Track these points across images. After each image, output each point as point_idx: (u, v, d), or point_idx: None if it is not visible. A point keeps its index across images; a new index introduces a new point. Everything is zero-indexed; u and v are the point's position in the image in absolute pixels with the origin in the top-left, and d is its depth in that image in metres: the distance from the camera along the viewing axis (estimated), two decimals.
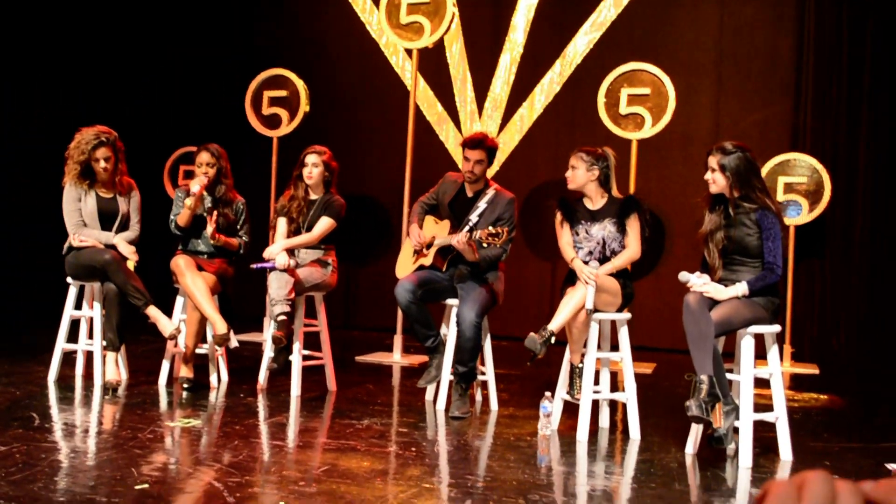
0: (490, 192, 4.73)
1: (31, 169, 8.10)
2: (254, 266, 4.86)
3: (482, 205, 4.70)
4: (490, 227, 4.40)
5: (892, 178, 6.91)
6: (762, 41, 7.22)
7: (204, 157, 5.10)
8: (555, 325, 4.15)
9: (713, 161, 3.91)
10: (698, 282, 3.83)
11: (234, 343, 4.89)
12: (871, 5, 6.93)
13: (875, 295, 6.94)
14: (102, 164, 4.92)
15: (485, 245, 4.39)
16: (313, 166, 5.00)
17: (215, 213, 5.05)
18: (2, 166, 8.10)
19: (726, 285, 3.86)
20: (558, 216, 4.47)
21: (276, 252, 4.80)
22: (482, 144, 4.68)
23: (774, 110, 7.18)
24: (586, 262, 4.28)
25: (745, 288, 3.79)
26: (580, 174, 4.41)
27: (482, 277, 4.65)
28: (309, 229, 4.99)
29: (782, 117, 7.17)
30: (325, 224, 4.97)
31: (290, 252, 4.91)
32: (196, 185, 4.98)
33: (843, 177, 6.90)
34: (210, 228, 4.99)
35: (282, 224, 5.04)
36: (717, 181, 3.91)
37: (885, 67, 6.91)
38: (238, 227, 5.21)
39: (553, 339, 4.13)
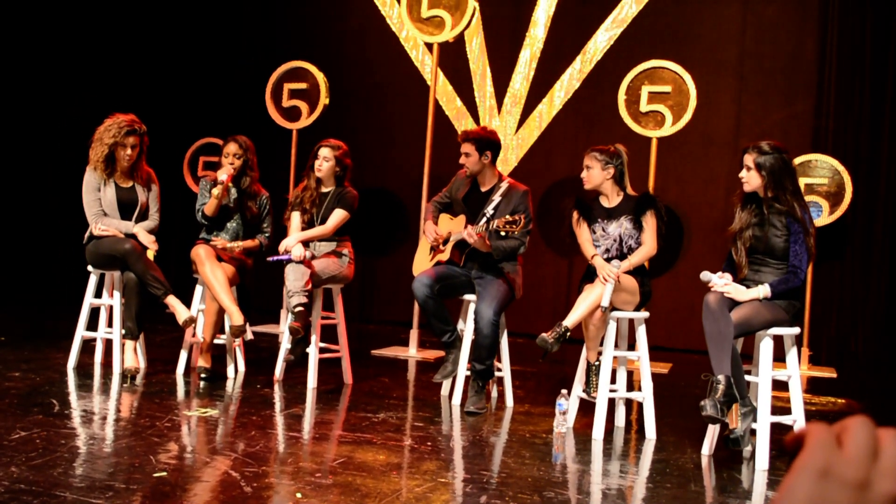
0: (504, 186, 4.74)
1: (54, 158, 8.16)
2: (270, 259, 4.89)
3: (497, 198, 4.71)
4: (507, 216, 4.41)
5: None
6: (785, 40, 7.16)
7: (231, 147, 5.14)
8: (570, 321, 4.15)
9: (749, 159, 3.89)
10: (720, 282, 3.81)
11: (249, 335, 4.91)
12: (895, 6, 6.86)
13: (895, 299, 6.88)
14: (129, 150, 4.95)
15: (503, 234, 4.40)
16: (324, 160, 5.03)
17: (226, 241, 5.07)
18: (25, 154, 8.16)
19: (748, 286, 3.84)
20: (575, 215, 4.46)
21: (291, 244, 4.82)
22: (467, 137, 4.73)
23: (796, 110, 7.13)
24: (608, 261, 4.27)
25: (767, 290, 3.77)
26: (596, 174, 4.41)
27: (501, 271, 4.65)
28: (322, 221, 5.01)
29: (804, 118, 7.11)
30: (338, 216, 4.99)
31: (306, 244, 4.93)
32: (223, 175, 5.01)
33: (864, 179, 6.84)
34: (229, 246, 5.02)
35: (295, 217, 5.07)
36: (751, 180, 3.90)
37: None
38: (262, 221, 5.25)
39: (568, 335, 4.13)
